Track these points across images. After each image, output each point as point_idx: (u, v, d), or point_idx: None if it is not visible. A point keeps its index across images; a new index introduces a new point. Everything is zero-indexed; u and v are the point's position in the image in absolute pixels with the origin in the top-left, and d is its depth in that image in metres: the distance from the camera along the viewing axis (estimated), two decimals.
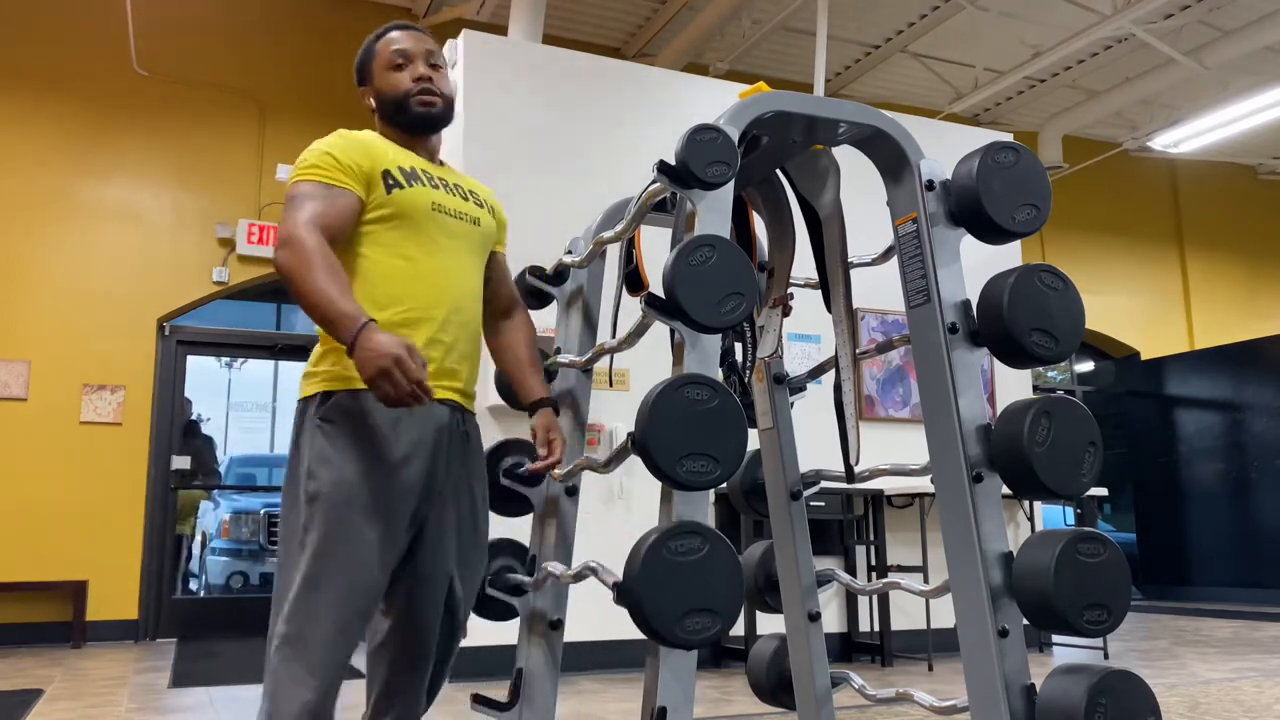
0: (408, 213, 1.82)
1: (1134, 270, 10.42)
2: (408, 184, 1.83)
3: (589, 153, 5.28)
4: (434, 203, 1.85)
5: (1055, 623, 1.44)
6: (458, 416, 1.84)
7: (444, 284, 1.83)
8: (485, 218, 1.96)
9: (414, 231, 1.82)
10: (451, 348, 1.82)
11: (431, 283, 1.81)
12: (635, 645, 4.76)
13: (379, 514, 1.69)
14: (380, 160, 1.83)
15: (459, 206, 1.90)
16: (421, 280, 1.81)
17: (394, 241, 1.81)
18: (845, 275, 1.89)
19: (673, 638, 1.31)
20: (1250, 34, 7.96)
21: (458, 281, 1.85)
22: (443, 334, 1.80)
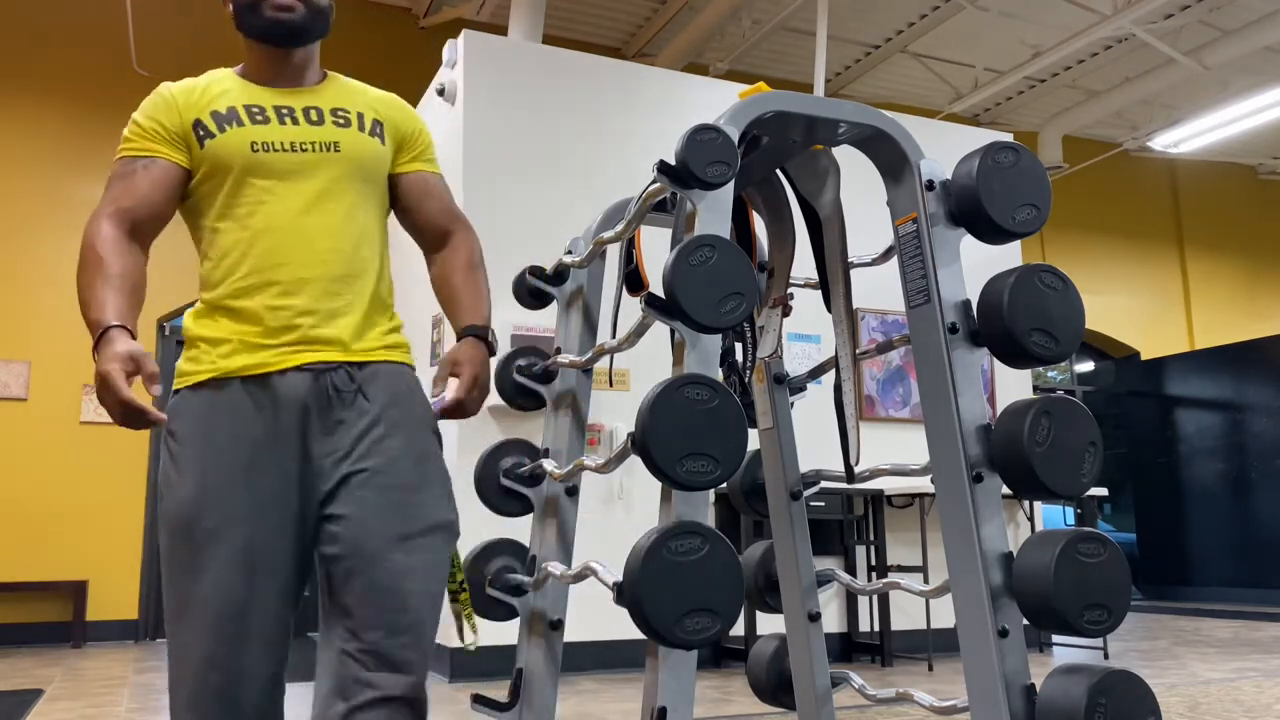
0: (223, 163, 1.54)
1: (1134, 270, 10.43)
2: (220, 129, 1.56)
3: (589, 153, 5.28)
4: (254, 142, 1.55)
5: (1055, 623, 1.44)
6: (331, 377, 1.52)
7: (290, 234, 1.53)
8: (353, 139, 1.63)
9: (236, 184, 1.55)
10: (310, 310, 1.53)
11: (268, 240, 1.53)
12: (635, 645, 4.77)
13: (231, 526, 1.46)
14: (190, 109, 1.57)
15: (302, 136, 1.58)
16: (254, 240, 1.53)
17: (220, 202, 1.55)
18: (845, 275, 1.89)
19: (673, 638, 1.31)
20: (1250, 34, 7.96)
21: (312, 225, 1.55)
22: (289, 297, 1.52)
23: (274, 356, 1.52)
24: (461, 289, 1.71)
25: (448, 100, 5.27)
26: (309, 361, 1.52)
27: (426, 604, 1.51)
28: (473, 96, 5.10)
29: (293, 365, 1.51)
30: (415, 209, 1.73)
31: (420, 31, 8.09)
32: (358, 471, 1.51)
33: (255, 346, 1.52)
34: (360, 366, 1.55)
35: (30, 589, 6.21)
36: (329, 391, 1.52)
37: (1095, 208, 10.23)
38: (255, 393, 1.51)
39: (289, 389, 1.51)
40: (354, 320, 1.56)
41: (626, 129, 5.40)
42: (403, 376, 1.60)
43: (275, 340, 1.52)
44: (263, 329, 1.52)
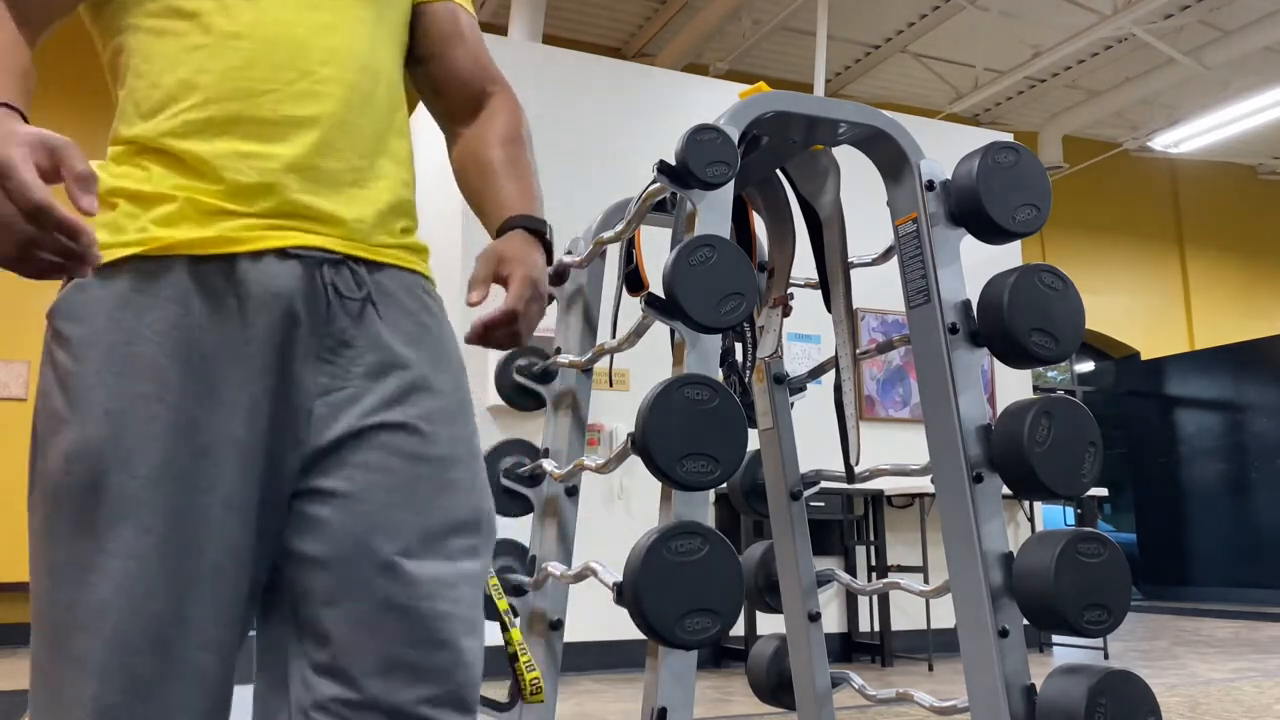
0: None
1: (1134, 270, 10.43)
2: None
3: (589, 153, 5.28)
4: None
5: (1055, 623, 1.44)
6: (330, 273, 0.98)
7: (280, 46, 1.00)
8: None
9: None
10: (305, 166, 0.98)
11: (241, 51, 0.98)
12: (635, 645, 4.77)
13: (151, 494, 0.91)
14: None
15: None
16: (219, 49, 0.98)
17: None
18: (845, 275, 1.89)
19: (673, 638, 1.31)
20: (1250, 34, 7.96)
21: (315, 37, 1.02)
22: (271, 143, 0.97)
23: (243, 230, 0.96)
24: (502, 168, 1.18)
25: None
26: (299, 245, 0.97)
27: (472, 639, 1.00)
28: None
29: (273, 246, 0.96)
30: (438, 56, 1.19)
31: None
32: (373, 428, 0.98)
33: (213, 212, 0.96)
34: (371, 268, 1.02)
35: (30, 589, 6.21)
36: (326, 294, 0.98)
37: (1095, 208, 10.23)
38: (210, 283, 0.95)
39: (266, 281, 0.96)
40: (369, 195, 1.03)
41: (626, 129, 5.41)
42: (430, 293, 1.09)
43: (245, 205, 0.96)
44: (225, 187, 0.96)
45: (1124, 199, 10.54)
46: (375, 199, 1.03)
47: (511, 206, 1.15)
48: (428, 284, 1.09)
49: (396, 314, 1.03)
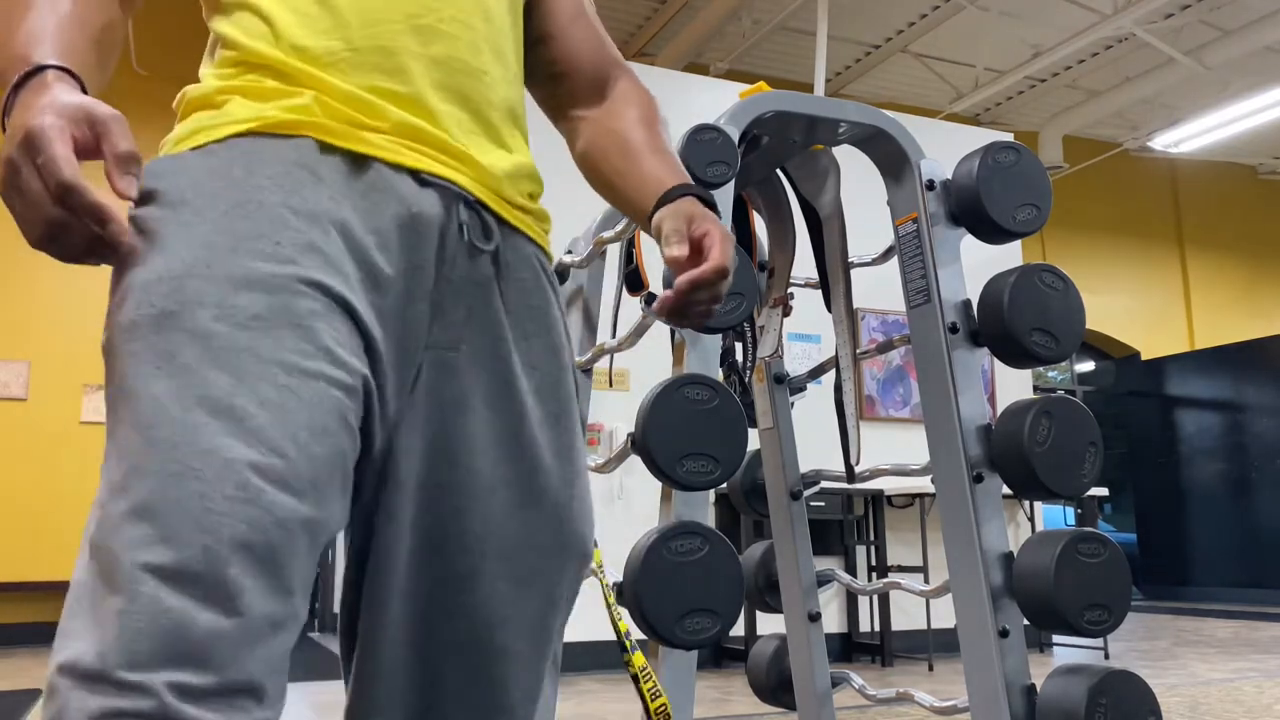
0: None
1: (1134, 270, 10.43)
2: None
3: None
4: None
5: (1055, 623, 1.43)
6: (468, 215, 0.88)
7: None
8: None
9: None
10: (442, 112, 0.89)
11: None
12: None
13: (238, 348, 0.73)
14: None
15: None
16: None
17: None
18: (845, 275, 1.89)
19: (673, 638, 1.31)
20: (1250, 34, 7.96)
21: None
22: (408, 83, 0.87)
23: (381, 140, 0.85)
24: (648, 149, 1.04)
25: None
26: (437, 174, 0.86)
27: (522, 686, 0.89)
28: None
29: (411, 166, 0.85)
30: (561, 35, 1.09)
31: None
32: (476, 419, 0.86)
33: (346, 120, 0.84)
34: (500, 222, 0.91)
35: (30, 589, 6.21)
36: (460, 231, 0.87)
37: (1095, 208, 10.23)
38: (343, 168, 0.83)
39: (403, 191, 0.84)
40: (497, 145, 0.93)
41: None
42: (549, 270, 0.98)
43: (380, 122, 0.85)
44: (359, 105, 0.85)
45: (1124, 199, 10.54)
46: (512, 153, 0.94)
47: (671, 178, 1.01)
48: (547, 258, 0.98)
49: (514, 290, 0.92)
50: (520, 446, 0.89)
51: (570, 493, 0.92)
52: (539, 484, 0.89)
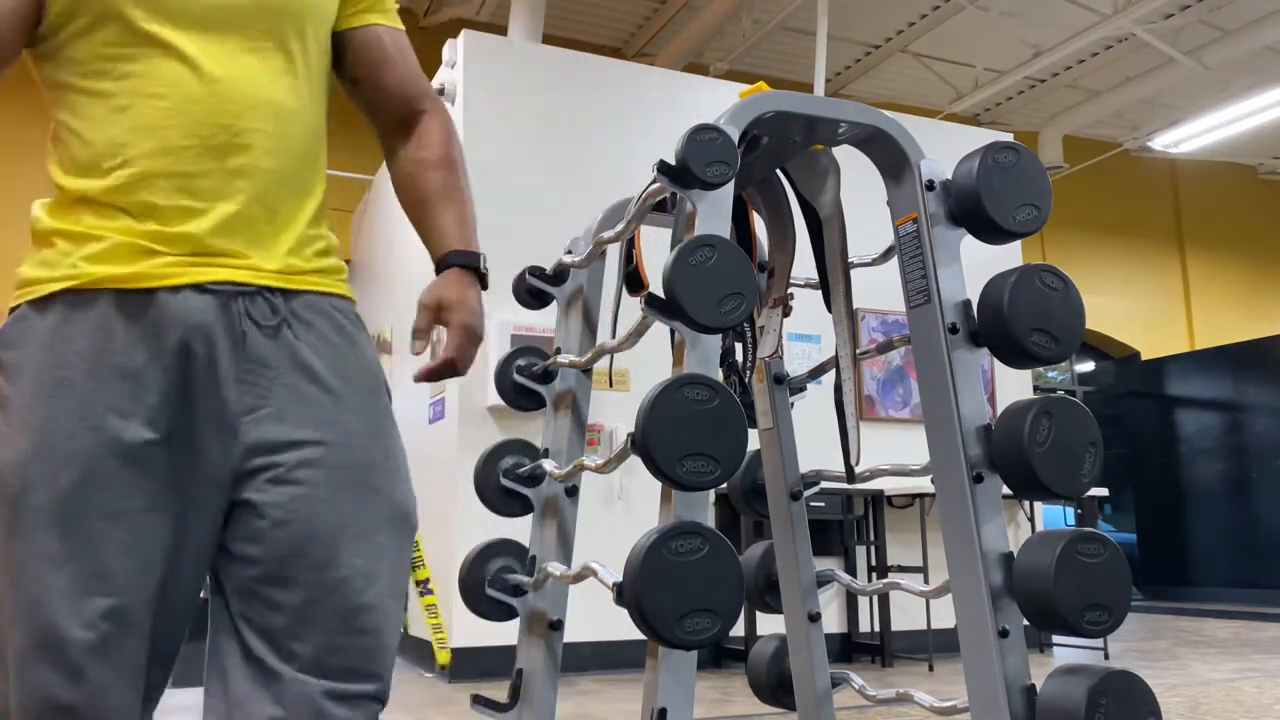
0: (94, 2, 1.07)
1: (1134, 270, 10.43)
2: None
3: (589, 153, 5.28)
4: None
5: (1055, 623, 1.43)
6: (245, 305, 1.09)
7: (198, 104, 1.08)
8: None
9: (122, 28, 1.08)
10: (225, 213, 1.08)
11: (167, 112, 1.07)
12: (635, 645, 4.77)
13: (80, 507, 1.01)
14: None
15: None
16: (147, 111, 1.07)
17: (99, 52, 1.08)
18: (845, 275, 1.89)
19: (673, 638, 1.31)
20: (1250, 34, 7.96)
21: (232, 91, 1.10)
22: (195, 197, 1.07)
23: (165, 267, 1.06)
24: (439, 196, 1.27)
25: (447, 100, 5.28)
26: (214, 280, 1.07)
27: (391, 622, 1.13)
28: (473, 96, 5.10)
29: (190, 282, 1.06)
30: (367, 78, 1.29)
31: (420, 31, 8.09)
32: (297, 443, 1.09)
33: (138, 251, 1.06)
34: (287, 295, 1.12)
35: None
36: (242, 323, 1.08)
37: (1095, 208, 10.23)
38: (135, 313, 1.05)
39: (183, 312, 1.05)
40: (283, 231, 1.13)
41: (626, 129, 5.40)
42: (345, 313, 1.18)
43: (167, 247, 1.06)
44: (149, 230, 1.07)
45: (1124, 199, 10.54)
46: (292, 232, 1.14)
47: (449, 239, 1.26)
48: (345, 303, 1.18)
49: (313, 336, 1.13)
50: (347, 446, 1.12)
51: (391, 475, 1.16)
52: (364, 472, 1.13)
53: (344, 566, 1.09)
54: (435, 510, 4.99)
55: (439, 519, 4.92)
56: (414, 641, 5.21)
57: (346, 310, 1.18)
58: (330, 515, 1.09)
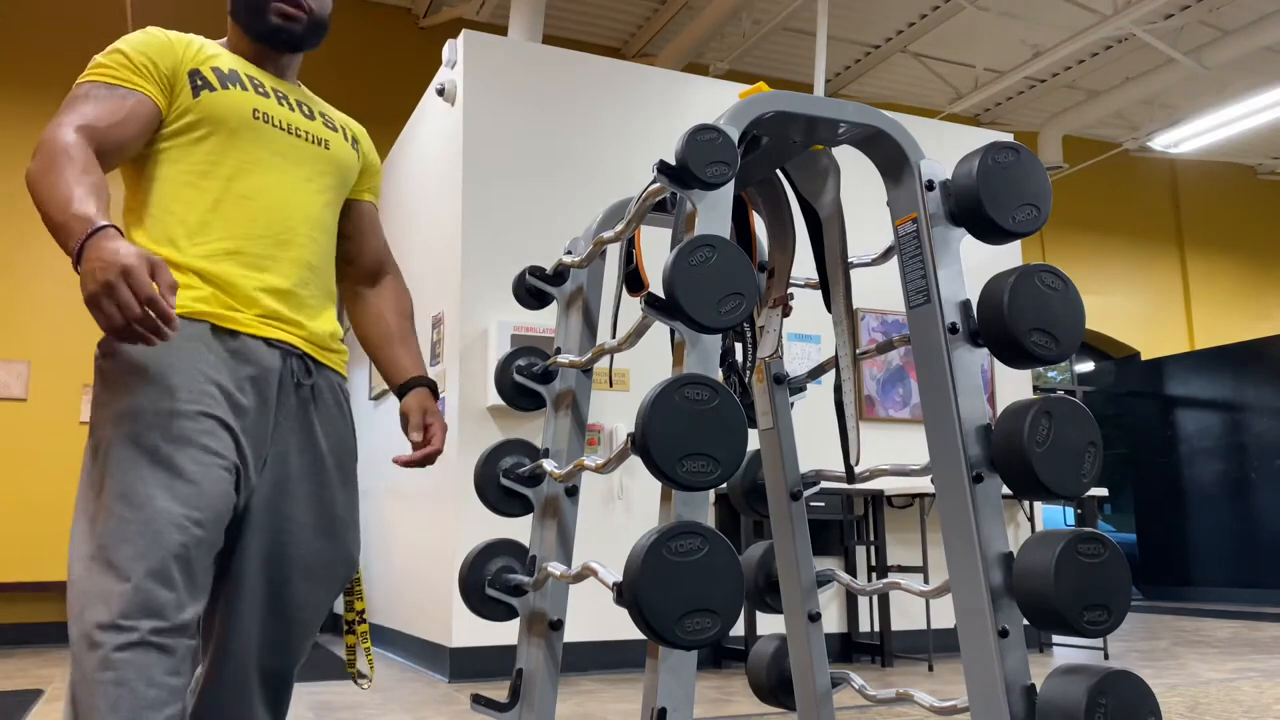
0: (219, 118, 1.47)
1: (1134, 270, 10.43)
2: (222, 85, 1.49)
3: (589, 153, 5.28)
4: (256, 109, 1.51)
5: (1055, 623, 1.43)
6: (296, 363, 1.50)
7: (273, 209, 1.49)
8: (340, 145, 1.63)
9: (228, 143, 1.48)
10: (284, 291, 1.49)
11: (254, 207, 1.48)
12: (635, 645, 4.77)
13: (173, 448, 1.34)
14: (188, 59, 1.50)
15: (298, 122, 1.57)
16: (240, 204, 1.47)
17: (201, 157, 1.47)
18: (845, 275, 1.89)
19: (673, 638, 1.31)
20: (1250, 34, 7.96)
21: (295, 206, 1.52)
22: (263, 272, 1.47)
23: (247, 319, 1.45)
24: (399, 339, 1.73)
25: (447, 100, 5.27)
26: (279, 338, 1.48)
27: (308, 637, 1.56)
28: (472, 96, 5.10)
29: (264, 335, 1.46)
30: (360, 237, 1.74)
31: (420, 31, 8.09)
32: (289, 481, 1.50)
33: (222, 303, 1.44)
34: (316, 364, 1.55)
35: (30, 589, 6.20)
36: (291, 375, 1.50)
37: (1095, 208, 10.23)
38: (227, 342, 1.43)
39: (260, 353, 1.45)
40: (317, 316, 1.55)
41: (626, 129, 5.40)
42: (341, 389, 1.61)
43: (247, 307, 1.46)
44: (234, 292, 1.45)
45: (1124, 199, 10.53)
46: (326, 320, 1.57)
47: (412, 368, 1.72)
48: (344, 381, 1.62)
49: (322, 404, 1.55)
50: (323, 502, 1.53)
51: (351, 528, 1.58)
52: (333, 523, 1.55)
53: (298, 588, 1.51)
54: (435, 510, 4.99)
55: (439, 519, 4.93)
56: (417, 643, 5.21)
57: (342, 386, 1.61)
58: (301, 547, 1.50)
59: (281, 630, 1.50)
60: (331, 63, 7.54)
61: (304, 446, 1.51)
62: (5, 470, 6.30)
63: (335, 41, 7.64)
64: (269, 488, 1.47)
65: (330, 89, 7.44)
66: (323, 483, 1.53)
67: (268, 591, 1.48)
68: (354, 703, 3.92)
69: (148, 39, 1.50)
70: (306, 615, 1.52)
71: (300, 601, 1.51)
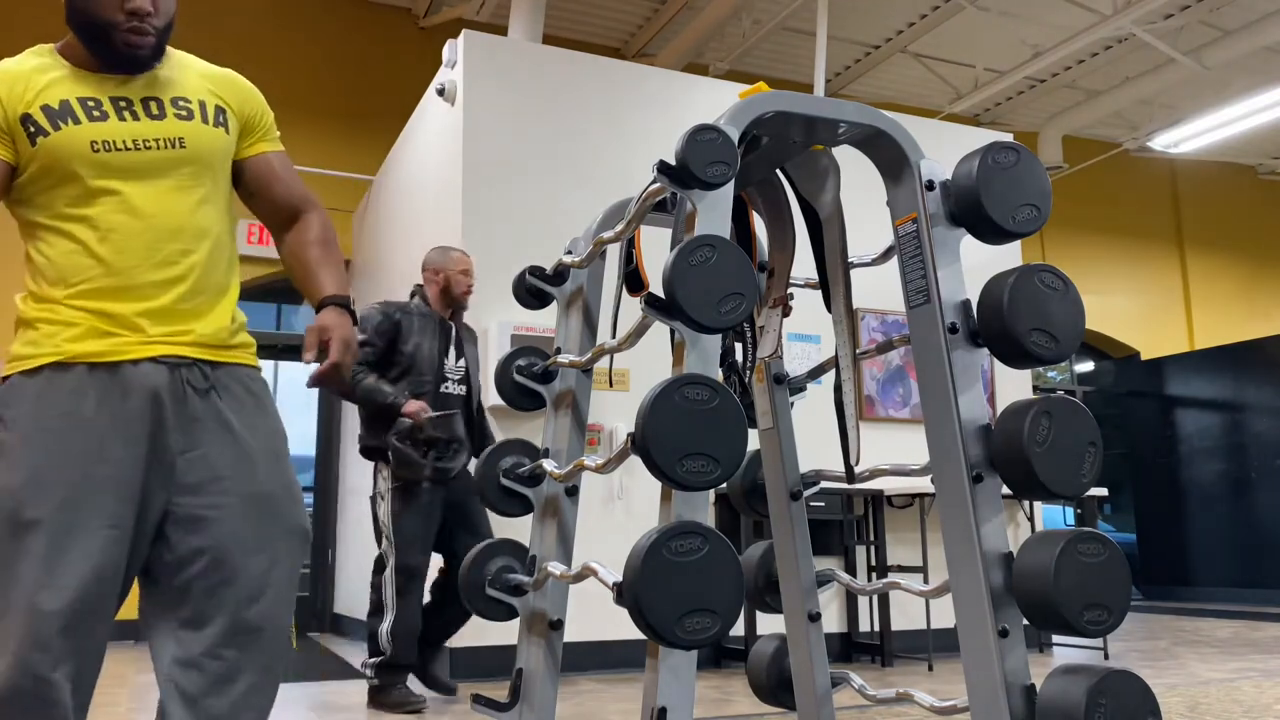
0: (59, 162, 1.47)
1: (1134, 270, 10.43)
2: (54, 126, 1.47)
3: (589, 153, 5.28)
4: (94, 141, 1.48)
5: (1055, 623, 1.43)
6: (185, 373, 1.52)
7: (137, 234, 1.50)
8: (198, 132, 1.57)
9: (75, 184, 1.48)
10: (163, 311, 1.51)
11: (118, 239, 1.48)
12: (635, 645, 4.77)
13: (62, 519, 1.41)
14: (20, 103, 1.47)
15: (144, 132, 1.52)
16: (101, 241, 1.48)
17: (60, 202, 1.49)
18: (845, 275, 1.89)
19: (672, 638, 1.31)
20: (1250, 34, 7.96)
21: (161, 223, 1.51)
22: (140, 301, 1.49)
23: (126, 345, 1.48)
24: (317, 262, 1.69)
25: (447, 100, 5.27)
26: (163, 354, 1.50)
27: (282, 615, 1.56)
28: (472, 96, 5.10)
29: (146, 356, 1.48)
30: (260, 192, 1.70)
31: (420, 31, 8.09)
32: (217, 478, 1.52)
33: (105, 334, 1.47)
34: (213, 366, 1.56)
35: None
36: (184, 386, 1.51)
37: (1095, 208, 10.23)
38: (103, 379, 1.46)
39: (141, 378, 1.47)
40: (206, 320, 1.56)
41: (626, 129, 5.40)
42: (254, 379, 1.63)
43: (127, 332, 1.48)
44: (113, 322, 1.48)
45: (1124, 199, 10.53)
46: (216, 321, 1.57)
47: (326, 289, 1.67)
48: (254, 371, 1.64)
49: (230, 396, 1.57)
50: (252, 483, 1.55)
51: (286, 502, 1.59)
52: (265, 501, 1.56)
53: (242, 571, 1.52)
54: None
55: None
56: None
57: (255, 377, 1.63)
58: (241, 528, 1.52)
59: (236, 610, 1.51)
60: (331, 63, 7.54)
61: (222, 440, 1.54)
62: None
63: (335, 41, 7.64)
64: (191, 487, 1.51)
65: (330, 89, 7.44)
66: (250, 467, 1.55)
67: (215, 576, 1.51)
68: (354, 703, 3.92)
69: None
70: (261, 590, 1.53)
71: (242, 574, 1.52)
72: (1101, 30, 7.61)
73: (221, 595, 1.50)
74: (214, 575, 1.50)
